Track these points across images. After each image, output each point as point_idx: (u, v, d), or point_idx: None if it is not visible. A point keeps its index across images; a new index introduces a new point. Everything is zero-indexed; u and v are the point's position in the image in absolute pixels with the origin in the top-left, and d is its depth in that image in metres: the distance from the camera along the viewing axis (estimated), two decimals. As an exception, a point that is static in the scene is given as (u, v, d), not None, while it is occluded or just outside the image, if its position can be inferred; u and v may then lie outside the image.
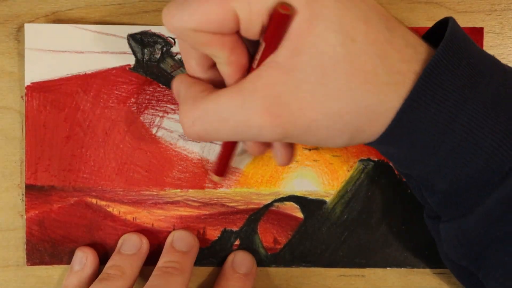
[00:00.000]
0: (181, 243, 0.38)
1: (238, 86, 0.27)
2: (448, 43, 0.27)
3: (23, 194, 0.39)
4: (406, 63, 0.27)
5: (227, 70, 0.28)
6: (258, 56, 0.27)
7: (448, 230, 0.31)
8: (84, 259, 0.38)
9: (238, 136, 0.28)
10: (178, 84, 0.31)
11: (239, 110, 0.27)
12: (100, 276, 0.36)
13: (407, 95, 0.26)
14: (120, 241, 0.38)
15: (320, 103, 0.26)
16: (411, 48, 0.27)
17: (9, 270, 0.39)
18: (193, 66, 0.31)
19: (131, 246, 0.38)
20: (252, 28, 0.27)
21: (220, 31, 0.27)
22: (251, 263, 0.38)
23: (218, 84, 0.31)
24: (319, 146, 0.28)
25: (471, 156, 0.27)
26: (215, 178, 0.36)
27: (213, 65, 0.31)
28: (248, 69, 0.29)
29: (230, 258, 0.38)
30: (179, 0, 0.27)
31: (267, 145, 0.33)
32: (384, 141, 0.28)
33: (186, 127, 0.28)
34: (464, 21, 0.39)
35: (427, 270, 0.39)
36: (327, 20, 0.26)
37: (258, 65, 0.27)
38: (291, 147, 0.33)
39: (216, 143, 0.39)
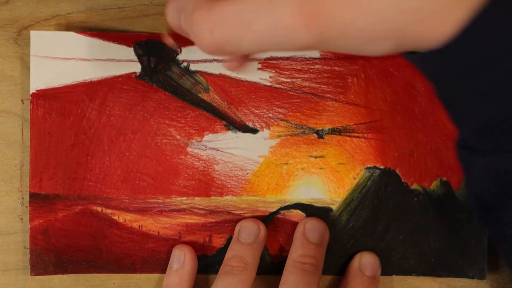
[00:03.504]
0: (314, 234, 0.37)
1: None
2: None
3: (23, 198, 0.39)
4: None
5: None
6: None
7: (484, 166, 0.27)
8: (182, 256, 0.38)
9: (265, 43, 0.24)
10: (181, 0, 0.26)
11: (266, 10, 0.23)
12: (223, 268, 0.36)
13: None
14: (237, 228, 0.38)
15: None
16: None
17: (9, 274, 0.39)
18: None
19: (250, 234, 0.37)
20: None
21: None
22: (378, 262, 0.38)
23: None
24: (358, 52, 0.25)
25: None
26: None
27: None
28: None
29: (356, 259, 0.38)
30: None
31: (245, 59, 0.29)
32: (459, 41, 0.23)
33: (202, 36, 0.24)
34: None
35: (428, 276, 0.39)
36: None
37: None
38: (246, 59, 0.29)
39: (222, 151, 0.39)
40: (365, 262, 0.38)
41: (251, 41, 0.24)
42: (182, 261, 0.38)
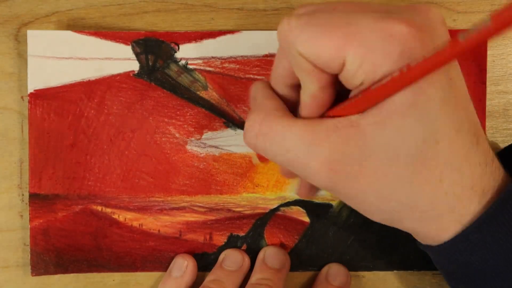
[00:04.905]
0: (274, 260, 0.38)
1: (312, 126, 0.27)
2: None
3: (23, 195, 0.38)
4: (479, 179, 0.27)
5: (308, 101, 0.28)
6: (344, 104, 0.27)
7: None
8: (184, 266, 0.38)
9: (291, 167, 0.28)
10: (255, 91, 0.31)
11: (304, 150, 0.27)
12: None
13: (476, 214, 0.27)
14: (221, 256, 0.38)
15: (376, 181, 0.26)
16: (486, 167, 0.27)
17: (9, 270, 0.39)
18: (278, 78, 0.30)
19: (233, 263, 0.38)
20: (351, 80, 0.26)
21: (322, 68, 0.26)
22: (346, 274, 0.39)
23: (291, 103, 0.30)
24: (357, 210, 0.29)
25: None
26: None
27: (296, 86, 0.30)
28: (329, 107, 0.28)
29: (324, 269, 0.39)
30: (304, 19, 0.26)
31: (314, 190, 0.34)
32: (458, 246, 0.28)
33: (248, 136, 0.29)
34: (464, 22, 0.39)
35: (427, 271, 0.39)
36: (424, 113, 0.25)
37: (341, 112, 0.27)
38: (315, 189, 0.33)
39: (222, 148, 0.39)
40: (333, 272, 0.38)
41: (282, 161, 0.28)
42: (183, 270, 0.38)
